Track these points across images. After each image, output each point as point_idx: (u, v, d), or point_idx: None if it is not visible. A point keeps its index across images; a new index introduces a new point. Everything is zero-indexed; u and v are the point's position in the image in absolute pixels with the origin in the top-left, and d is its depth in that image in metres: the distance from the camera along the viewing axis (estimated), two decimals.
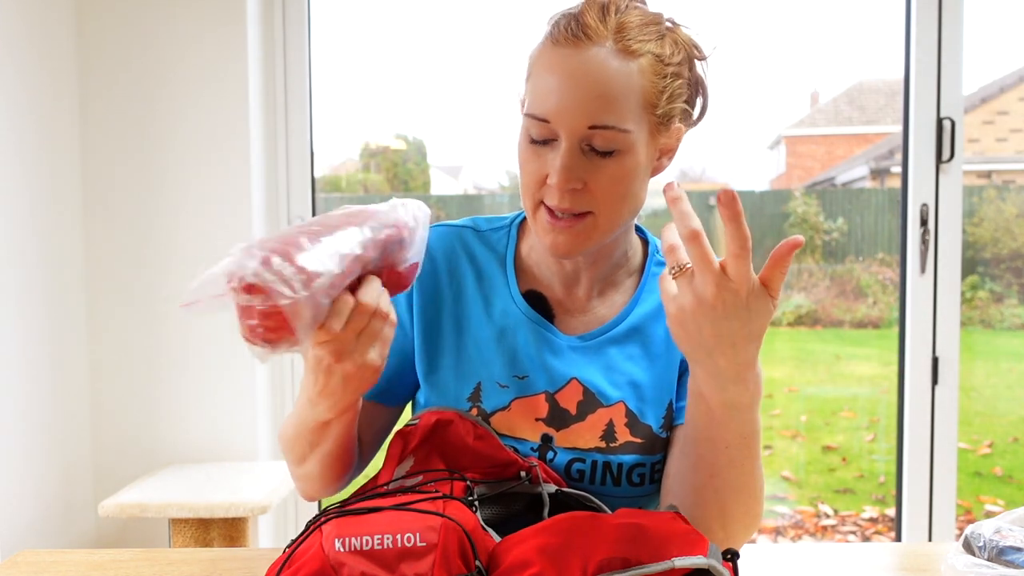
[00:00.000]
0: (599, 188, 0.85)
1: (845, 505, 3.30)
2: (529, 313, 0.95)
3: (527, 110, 0.86)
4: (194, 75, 2.12)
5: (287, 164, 2.23)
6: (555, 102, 0.83)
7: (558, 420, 0.91)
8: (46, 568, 0.93)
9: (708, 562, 0.62)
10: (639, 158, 0.86)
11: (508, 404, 0.92)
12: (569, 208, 0.85)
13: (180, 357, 2.16)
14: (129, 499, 1.80)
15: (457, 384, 0.93)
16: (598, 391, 0.92)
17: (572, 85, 0.82)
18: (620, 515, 0.66)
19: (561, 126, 0.83)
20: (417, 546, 0.62)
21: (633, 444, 0.91)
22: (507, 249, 0.98)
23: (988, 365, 3.85)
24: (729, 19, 3.53)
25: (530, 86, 0.87)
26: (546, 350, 0.93)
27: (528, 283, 0.97)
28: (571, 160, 0.83)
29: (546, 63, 0.85)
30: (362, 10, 2.63)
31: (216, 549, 1.00)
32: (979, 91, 3.82)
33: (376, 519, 0.65)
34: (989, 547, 0.89)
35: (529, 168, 0.87)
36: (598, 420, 0.91)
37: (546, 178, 0.85)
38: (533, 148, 0.86)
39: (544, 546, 0.64)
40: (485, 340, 0.94)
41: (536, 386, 0.92)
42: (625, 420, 0.91)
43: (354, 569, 0.61)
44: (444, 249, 0.97)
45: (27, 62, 1.96)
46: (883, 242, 3.73)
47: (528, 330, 0.94)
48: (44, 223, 2.01)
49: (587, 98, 0.82)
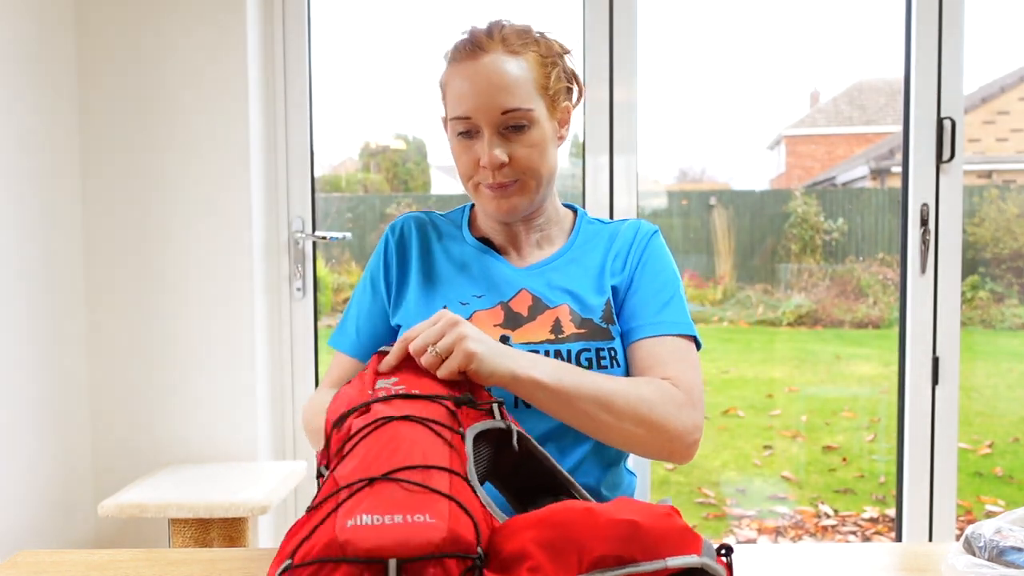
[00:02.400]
0: (520, 158, 1.10)
1: (845, 505, 3.30)
2: (481, 248, 1.20)
3: (451, 114, 1.11)
4: (194, 75, 2.12)
5: (287, 164, 2.23)
6: (472, 101, 1.08)
7: (512, 322, 1.12)
8: (46, 568, 0.93)
9: (701, 561, 0.63)
10: (544, 130, 1.12)
11: (470, 316, 1.13)
12: (501, 182, 1.10)
13: (180, 357, 2.16)
14: (129, 499, 1.80)
15: (426, 310, 1.13)
16: (544, 297, 1.14)
17: (482, 84, 1.08)
18: (615, 509, 0.66)
19: (480, 118, 1.08)
20: (427, 523, 0.63)
21: (577, 334, 1.11)
22: (462, 219, 1.26)
23: (988, 365, 3.84)
24: (729, 19, 3.53)
25: (448, 99, 1.12)
26: (497, 273, 1.17)
27: (478, 236, 1.23)
28: (495, 143, 1.09)
29: (456, 76, 1.10)
30: (362, 10, 2.63)
31: (216, 549, 1.00)
32: (979, 91, 3.82)
33: (388, 495, 0.65)
34: (989, 547, 0.88)
35: (463, 160, 1.13)
36: (546, 319, 1.12)
37: (478, 163, 1.11)
38: (462, 144, 1.12)
39: (541, 539, 0.64)
40: (447, 274, 1.18)
41: (492, 300, 1.14)
42: (570, 317, 1.12)
43: (359, 547, 0.61)
44: (415, 223, 1.23)
45: (27, 62, 1.96)
46: (883, 242, 3.72)
47: (483, 261, 1.19)
48: (44, 223, 2.01)
49: (496, 91, 1.07)
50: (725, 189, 4.06)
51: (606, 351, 1.10)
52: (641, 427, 1.02)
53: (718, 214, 3.69)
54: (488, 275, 1.17)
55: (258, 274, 2.17)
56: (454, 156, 1.15)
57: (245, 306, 2.14)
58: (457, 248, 1.21)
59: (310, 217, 2.24)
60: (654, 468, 2.20)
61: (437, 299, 1.15)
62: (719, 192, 3.91)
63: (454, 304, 1.14)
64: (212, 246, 2.14)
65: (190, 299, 2.15)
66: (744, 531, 3.14)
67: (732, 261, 3.72)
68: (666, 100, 3.49)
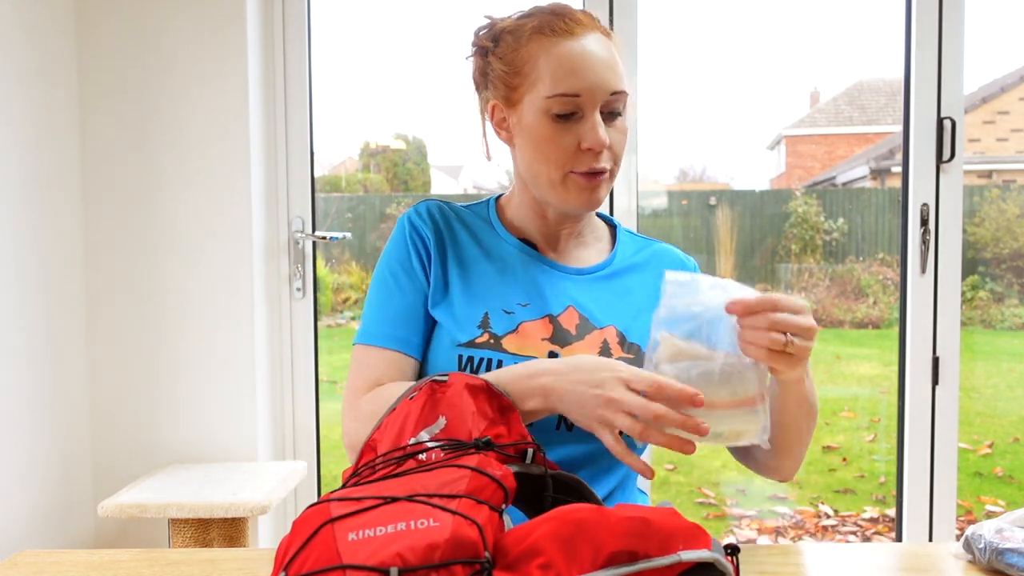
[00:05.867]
0: (615, 144, 1.03)
1: (845, 505, 3.30)
2: (524, 248, 1.11)
3: (554, 91, 1.00)
4: (194, 75, 2.12)
5: (287, 164, 2.23)
6: (582, 77, 0.99)
7: (561, 339, 1.04)
8: (46, 568, 0.93)
9: (713, 556, 0.63)
10: (627, 118, 1.06)
11: (516, 327, 1.03)
12: (602, 166, 1.02)
13: (180, 357, 2.16)
14: (128, 499, 1.80)
15: (468, 313, 1.04)
16: (591, 316, 1.06)
17: (593, 61, 1.00)
18: (623, 509, 0.66)
19: (589, 97, 1.00)
20: (431, 527, 0.62)
21: (626, 360, 1.02)
22: (490, 213, 1.15)
23: (988, 365, 3.85)
24: (729, 19, 3.53)
25: (541, 73, 1.01)
26: (543, 279, 1.08)
27: (516, 234, 1.13)
28: (602, 124, 1.01)
29: (555, 52, 1.01)
30: (362, 10, 2.63)
31: (216, 549, 1.00)
32: (980, 91, 3.82)
33: (392, 509, 0.65)
34: (989, 548, 0.88)
35: (561, 143, 1.01)
36: (594, 339, 1.05)
37: (577, 147, 1.01)
38: (557, 126, 1.01)
39: (553, 537, 0.64)
40: (488, 275, 1.07)
41: (540, 310, 1.05)
42: (617, 340, 1.06)
43: (357, 554, 0.61)
44: (439, 213, 1.11)
45: (27, 62, 1.96)
46: (883, 242, 3.73)
47: (526, 262, 1.09)
48: (44, 223, 2.01)
49: (606, 69, 1.00)
50: (725, 189, 4.06)
51: None
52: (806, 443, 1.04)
53: (718, 214, 3.69)
54: (533, 281, 1.07)
55: (258, 274, 2.17)
56: (541, 140, 1.02)
57: (245, 306, 2.14)
58: (494, 245, 1.11)
59: (310, 217, 2.24)
60: (655, 468, 2.19)
61: (477, 303, 1.05)
62: (719, 192, 3.92)
63: (498, 313, 1.04)
64: (212, 246, 2.14)
65: (190, 299, 2.15)
66: (744, 531, 3.14)
67: (732, 261, 3.72)
68: (666, 100, 3.49)
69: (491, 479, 0.70)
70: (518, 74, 1.03)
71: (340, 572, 0.60)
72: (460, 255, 1.08)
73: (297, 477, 2.02)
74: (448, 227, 1.10)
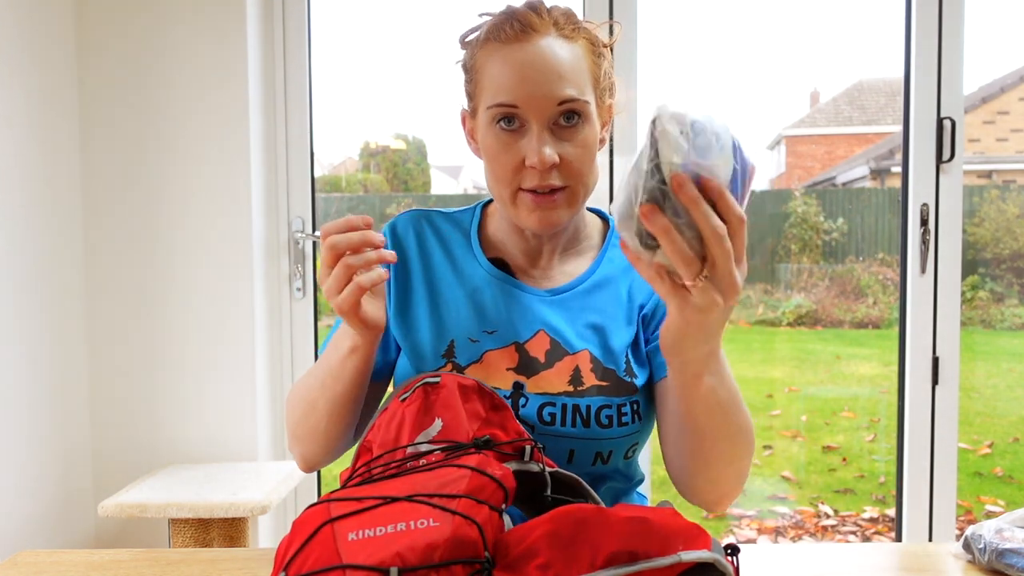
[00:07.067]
0: (572, 159, 0.93)
1: (845, 505, 3.30)
2: (495, 273, 1.02)
3: (491, 102, 0.93)
4: (194, 75, 2.12)
5: (287, 164, 2.23)
6: (522, 88, 0.91)
7: (528, 368, 0.96)
8: (46, 568, 0.93)
9: (713, 556, 0.63)
10: (595, 128, 0.95)
11: (480, 357, 0.97)
12: (550, 184, 0.92)
13: (180, 357, 2.16)
14: (129, 499, 1.80)
15: (433, 344, 0.99)
16: (564, 340, 0.98)
17: (535, 70, 0.91)
18: (623, 509, 0.66)
19: (531, 109, 0.91)
20: (431, 527, 0.62)
21: (599, 387, 0.95)
22: (471, 225, 1.07)
23: (988, 365, 3.85)
24: (729, 19, 3.53)
25: (484, 86, 0.95)
26: (513, 305, 1.00)
27: (493, 253, 1.05)
28: (545, 138, 0.91)
29: (499, 59, 0.93)
30: (362, 10, 2.63)
31: (216, 549, 1.00)
32: (979, 91, 3.82)
33: (391, 509, 0.65)
34: (989, 548, 0.88)
35: (503, 159, 0.94)
36: (565, 367, 0.97)
37: (521, 163, 0.93)
38: (502, 139, 0.93)
39: (552, 537, 0.64)
40: (455, 301, 1.01)
41: (506, 338, 0.98)
42: (590, 366, 0.97)
43: (357, 554, 0.61)
44: (412, 229, 1.05)
45: (27, 62, 1.96)
46: (883, 242, 3.72)
47: (496, 288, 1.01)
48: (44, 223, 2.01)
49: (552, 78, 0.91)
50: None
51: (628, 406, 0.96)
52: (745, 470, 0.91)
53: None
54: (503, 307, 1.00)
55: (258, 274, 2.18)
56: (488, 155, 0.96)
57: (245, 306, 2.14)
58: (467, 266, 1.03)
59: (310, 217, 2.24)
60: (655, 468, 2.19)
61: (444, 331, 0.99)
62: None
63: (463, 342, 0.98)
64: (212, 246, 2.14)
65: (190, 299, 2.15)
66: (744, 531, 3.14)
67: None
68: (666, 100, 3.49)
69: (491, 479, 0.70)
70: (472, 83, 0.98)
71: (340, 572, 0.60)
72: (431, 278, 1.02)
73: (297, 477, 2.02)
74: (421, 247, 1.04)
